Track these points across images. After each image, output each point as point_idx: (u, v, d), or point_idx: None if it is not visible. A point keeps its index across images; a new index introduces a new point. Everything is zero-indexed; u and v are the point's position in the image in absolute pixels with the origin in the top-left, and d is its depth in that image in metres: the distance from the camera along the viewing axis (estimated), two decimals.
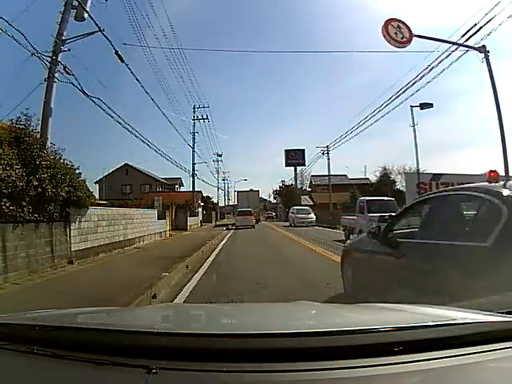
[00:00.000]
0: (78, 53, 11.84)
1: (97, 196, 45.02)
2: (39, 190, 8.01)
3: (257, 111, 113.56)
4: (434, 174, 17.59)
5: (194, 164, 35.87)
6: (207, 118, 37.19)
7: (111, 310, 2.37)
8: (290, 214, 35.91)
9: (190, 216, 30.33)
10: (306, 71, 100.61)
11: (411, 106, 15.48)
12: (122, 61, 12.52)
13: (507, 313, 1.58)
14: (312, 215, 33.40)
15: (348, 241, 7.18)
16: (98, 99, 12.71)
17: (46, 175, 8.29)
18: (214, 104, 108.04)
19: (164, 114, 34.79)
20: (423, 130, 76.93)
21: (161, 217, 19.30)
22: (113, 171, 53.04)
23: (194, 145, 35.85)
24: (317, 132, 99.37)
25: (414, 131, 15.32)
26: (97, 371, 1.05)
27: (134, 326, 1.49)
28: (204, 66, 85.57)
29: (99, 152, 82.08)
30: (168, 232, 20.16)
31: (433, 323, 1.24)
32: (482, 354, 1.10)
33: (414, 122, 15.42)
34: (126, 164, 53.85)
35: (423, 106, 15.07)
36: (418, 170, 16.13)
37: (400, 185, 50.63)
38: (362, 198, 17.61)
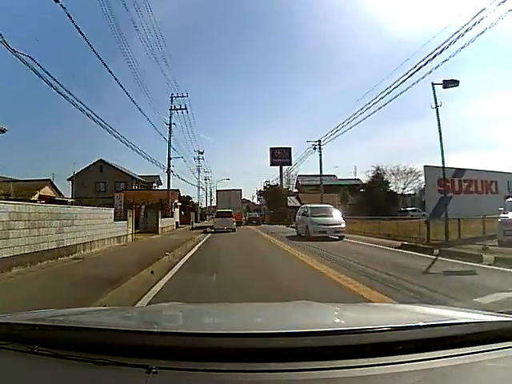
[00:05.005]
0: None
1: (69, 194, 42.17)
2: None
3: (242, 113, 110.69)
4: (457, 169, 14.68)
5: (169, 159, 32.05)
6: (186, 109, 33.48)
7: (111, 309, 2.42)
8: (300, 218, 20.79)
9: (163, 217, 26.75)
10: (293, 71, 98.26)
11: (433, 84, 12.53)
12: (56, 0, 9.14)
13: (507, 313, 1.58)
14: (339, 218, 18.61)
15: None
16: (29, 57, 9.52)
17: None
18: (199, 105, 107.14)
19: (139, 109, 31.14)
20: (422, 130, 76.70)
21: (121, 217, 15.83)
22: (86, 167, 49.35)
23: (170, 137, 32.05)
24: (304, 133, 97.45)
25: (437, 113, 12.29)
26: (97, 371, 1.04)
27: (134, 325, 1.50)
28: (189, 68, 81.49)
29: (72, 147, 76.91)
30: (131, 236, 16.65)
31: (433, 323, 1.24)
32: (481, 354, 1.09)
33: (436, 101, 12.37)
34: (101, 160, 49.99)
35: (447, 83, 12.18)
36: (443, 162, 12.80)
37: (394, 186, 48.29)
38: None
